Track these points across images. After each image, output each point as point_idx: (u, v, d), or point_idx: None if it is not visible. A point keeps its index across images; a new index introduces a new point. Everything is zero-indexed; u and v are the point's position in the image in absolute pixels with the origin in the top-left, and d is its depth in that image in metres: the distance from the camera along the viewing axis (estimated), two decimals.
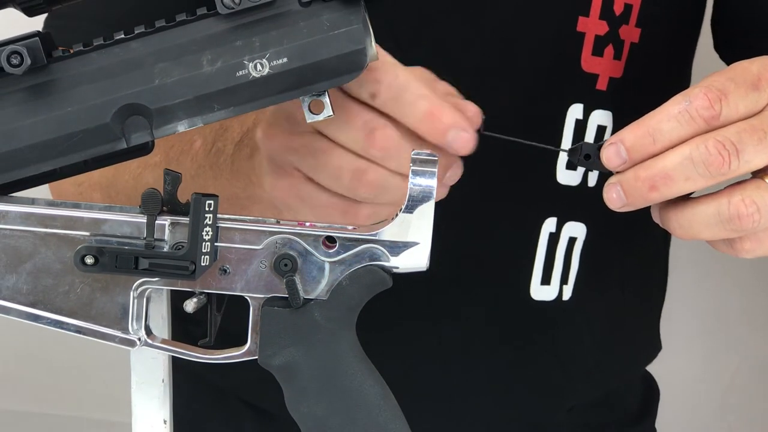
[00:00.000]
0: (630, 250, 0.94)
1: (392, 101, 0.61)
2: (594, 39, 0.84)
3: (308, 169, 0.64)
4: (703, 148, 0.58)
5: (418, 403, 0.59)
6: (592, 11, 0.84)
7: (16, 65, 0.53)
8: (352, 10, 0.55)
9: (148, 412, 0.60)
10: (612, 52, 0.85)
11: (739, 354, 1.43)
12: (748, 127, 0.59)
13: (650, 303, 1.01)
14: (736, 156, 0.58)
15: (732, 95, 0.59)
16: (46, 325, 0.56)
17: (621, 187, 0.60)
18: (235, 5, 0.54)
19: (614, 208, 0.61)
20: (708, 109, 0.58)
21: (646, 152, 0.59)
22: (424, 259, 0.56)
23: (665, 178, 0.59)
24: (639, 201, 0.60)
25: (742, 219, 0.58)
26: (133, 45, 0.55)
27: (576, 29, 0.84)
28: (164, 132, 0.55)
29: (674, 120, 0.59)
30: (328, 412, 0.57)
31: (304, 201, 0.65)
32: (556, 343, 0.91)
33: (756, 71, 0.60)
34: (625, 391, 1.01)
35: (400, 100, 0.61)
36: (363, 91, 0.61)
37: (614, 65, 0.86)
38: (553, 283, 0.89)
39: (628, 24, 0.85)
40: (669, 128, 0.59)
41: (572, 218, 0.88)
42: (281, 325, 0.57)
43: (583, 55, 0.85)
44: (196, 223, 0.55)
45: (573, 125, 0.86)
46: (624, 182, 0.60)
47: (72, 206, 0.56)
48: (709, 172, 0.58)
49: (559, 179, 0.87)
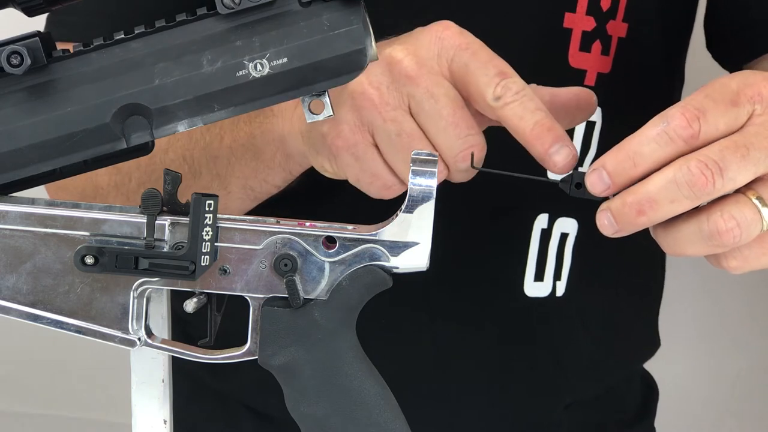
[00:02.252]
0: (624, 246, 0.94)
1: (514, 105, 0.63)
2: (581, 35, 0.85)
3: (386, 141, 0.65)
4: (686, 170, 0.57)
5: (413, 403, 0.59)
6: (578, 7, 0.84)
7: (16, 65, 0.53)
8: (352, 10, 0.55)
9: (148, 412, 0.60)
10: (600, 48, 0.85)
11: (742, 355, 1.43)
12: (731, 144, 0.58)
13: (646, 299, 1.01)
14: (720, 175, 0.57)
15: (710, 113, 0.58)
16: (46, 325, 0.56)
17: (611, 214, 0.60)
18: (235, 5, 0.54)
19: (607, 234, 0.61)
20: (686, 128, 0.58)
21: (629, 176, 0.59)
22: (424, 259, 0.57)
23: (651, 203, 0.58)
24: (629, 227, 0.60)
25: (722, 235, 0.58)
26: (133, 45, 0.55)
27: (563, 25, 0.84)
28: (164, 132, 0.55)
29: (653, 142, 0.59)
30: (328, 412, 0.57)
31: (358, 161, 0.66)
32: (551, 339, 0.91)
33: (735, 87, 0.60)
34: (623, 391, 1.01)
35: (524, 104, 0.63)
36: (491, 90, 0.63)
37: (602, 61, 0.86)
38: (546, 280, 0.89)
39: (615, 19, 0.85)
40: (649, 151, 0.58)
41: (564, 214, 0.88)
42: (281, 325, 0.57)
43: (570, 51, 0.85)
44: (196, 223, 0.55)
45: None
46: (613, 209, 0.60)
47: (72, 206, 0.56)
48: (694, 193, 0.58)
49: (550, 175, 0.87)
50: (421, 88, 0.64)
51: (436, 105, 0.64)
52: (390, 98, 0.64)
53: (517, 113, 0.63)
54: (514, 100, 0.63)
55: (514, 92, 0.63)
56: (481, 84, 0.64)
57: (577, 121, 0.68)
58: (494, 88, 0.63)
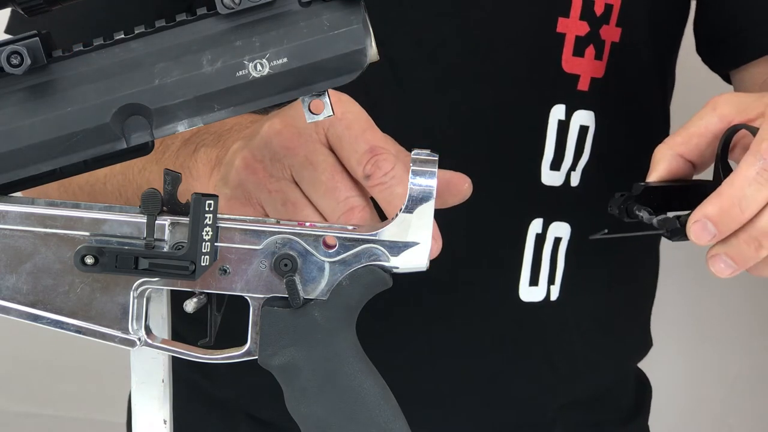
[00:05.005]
0: (616, 249, 0.94)
1: (384, 188, 0.61)
2: (575, 40, 0.85)
3: (274, 212, 0.65)
4: None
5: (409, 405, 0.59)
6: (572, 12, 0.84)
7: (16, 65, 0.53)
8: (352, 10, 0.55)
9: (148, 412, 0.60)
10: (593, 53, 0.85)
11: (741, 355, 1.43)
12: None
13: (639, 301, 1.01)
14: None
15: None
16: (46, 325, 0.56)
17: (727, 257, 0.60)
18: (235, 5, 0.54)
19: (725, 276, 0.61)
20: None
21: (738, 221, 0.59)
22: (424, 259, 0.57)
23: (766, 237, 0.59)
24: (749, 262, 0.60)
25: None
26: (133, 45, 0.55)
27: (556, 30, 0.84)
28: (164, 132, 0.55)
29: (755, 183, 0.58)
30: (328, 412, 0.57)
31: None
32: (546, 344, 0.91)
33: None
34: (617, 390, 1.01)
35: (392, 189, 0.61)
36: (360, 168, 0.62)
37: (595, 65, 0.86)
38: (540, 284, 0.89)
39: (609, 24, 0.85)
40: (752, 193, 0.58)
41: (557, 218, 0.88)
42: (281, 325, 0.57)
43: (563, 56, 0.85)
44: (196, 223, 0.55)
45: (556, 126, 0.86)
46: (730, 252, 0.60)
47: (72, 206, 0.56)
48: None
49: (544, 180, 0.87)
50: (299, 157, 0.64)
51: (314, 172, 0.63)
52: (273, 170, 0.64)
53: (386, 199, 0.62)
54: (382, 183, 0.61)
55: (383, 173, 0.61)
56: (353, 161, 0.62)
57: (449, 204, 0.66)
58: (363, 166, 0.62)
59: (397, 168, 0.62)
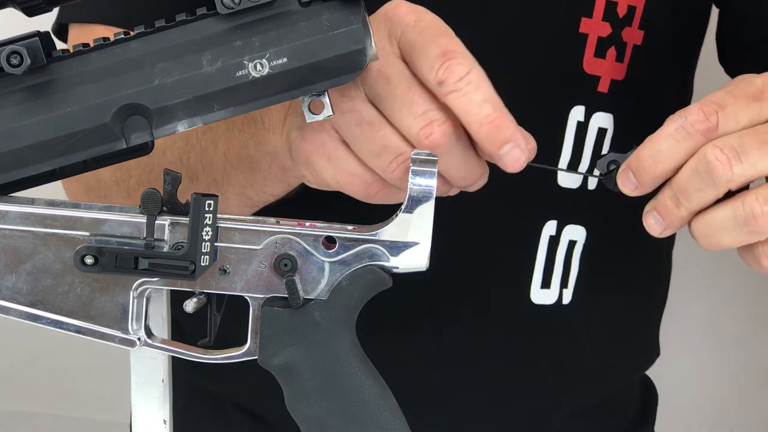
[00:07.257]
0: (631, 254, 0.94)
1: (459, 95, 0.59)
2: (596, 41, 0.84)
3: (350, 135, 0.62)
4: (703, 157, 0.58)
5: (416, 406, 0.59)
6: (595, 12, 0.84)
7: (16, 65, 0.53)
8: (352, 10, 0.55)
9: (147, 412, 0.60)
10: (614, 54, 0.85)
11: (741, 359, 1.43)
12: (751, 131, 0.59)
13: (651, 308, 1.01)
14: (737, 159, 0.58)
15: (730, 107, 0.59)
16: (45, 325, 0.56)
17: (656, 212, 0.61)
18: (235, 5, 0.54)
19: (656, 234, 0.62)
20: (703, 122, 0.59)
21: (651, 174, 0.60)
22: (424, 259, 0.56)
23: (683, 193, 0.60)
24: (674, 220, 0.61)
25: (758, 219, 0.58)
26: (132, 45, 0.55)
27: (578, 30, 0.84)
28: (164, 132, 0.55)
29: (671, 138, 0.59)
30: (328, 411, 0.57)
31: (330, 161, 0.63)
32: (556, 348, 0.91)
33: (760, 83, 0.60)
34: (624, 396, 1.00)
35: (469, 96, 0.59)
36: (433, 74, 0.59)
37: (616, 67, 0.85)
38: (553, 287, 0.88)
39: (631, 26, 0.85)
40: (666, 146, 0.59)
41: (572, 221, 0.88)
42: (281, 325, 0.57)
43: (585, 57, 0.84)
44: (195, 223, 0.55)
45: (575, 127, 0.85)
46: (657, 206, 0.61)
47: (72, 206, 0.56)
48: (713, 180, 0.58)
49: (560, 182, 0.86)
50: (372, 71, 0.61)
51: (388, 86, 0.60)
52: (345, 89, 0.61)
53: (462, 108, 0.59)
54: (456, 89, 0.58)
55: (457, 78, 0.58)
56: (425, 67, 0.59)
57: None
58: (436, 71, 0.59)
59: (474, 73, 0.59)
